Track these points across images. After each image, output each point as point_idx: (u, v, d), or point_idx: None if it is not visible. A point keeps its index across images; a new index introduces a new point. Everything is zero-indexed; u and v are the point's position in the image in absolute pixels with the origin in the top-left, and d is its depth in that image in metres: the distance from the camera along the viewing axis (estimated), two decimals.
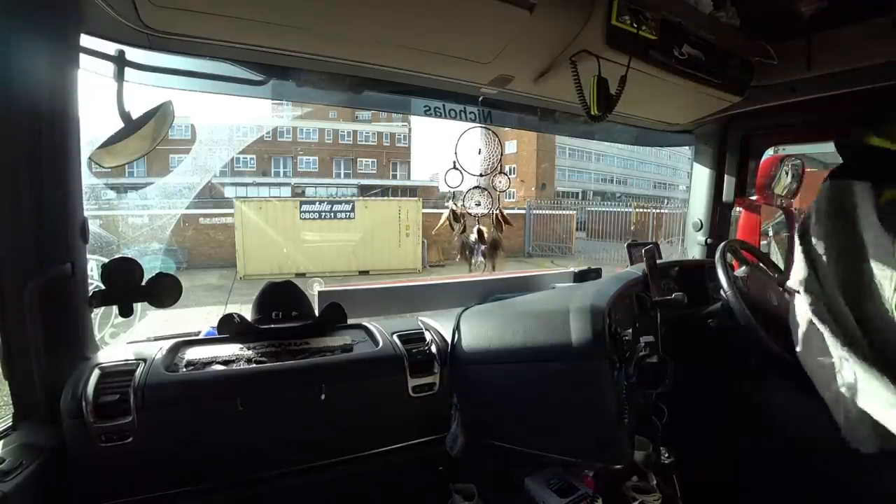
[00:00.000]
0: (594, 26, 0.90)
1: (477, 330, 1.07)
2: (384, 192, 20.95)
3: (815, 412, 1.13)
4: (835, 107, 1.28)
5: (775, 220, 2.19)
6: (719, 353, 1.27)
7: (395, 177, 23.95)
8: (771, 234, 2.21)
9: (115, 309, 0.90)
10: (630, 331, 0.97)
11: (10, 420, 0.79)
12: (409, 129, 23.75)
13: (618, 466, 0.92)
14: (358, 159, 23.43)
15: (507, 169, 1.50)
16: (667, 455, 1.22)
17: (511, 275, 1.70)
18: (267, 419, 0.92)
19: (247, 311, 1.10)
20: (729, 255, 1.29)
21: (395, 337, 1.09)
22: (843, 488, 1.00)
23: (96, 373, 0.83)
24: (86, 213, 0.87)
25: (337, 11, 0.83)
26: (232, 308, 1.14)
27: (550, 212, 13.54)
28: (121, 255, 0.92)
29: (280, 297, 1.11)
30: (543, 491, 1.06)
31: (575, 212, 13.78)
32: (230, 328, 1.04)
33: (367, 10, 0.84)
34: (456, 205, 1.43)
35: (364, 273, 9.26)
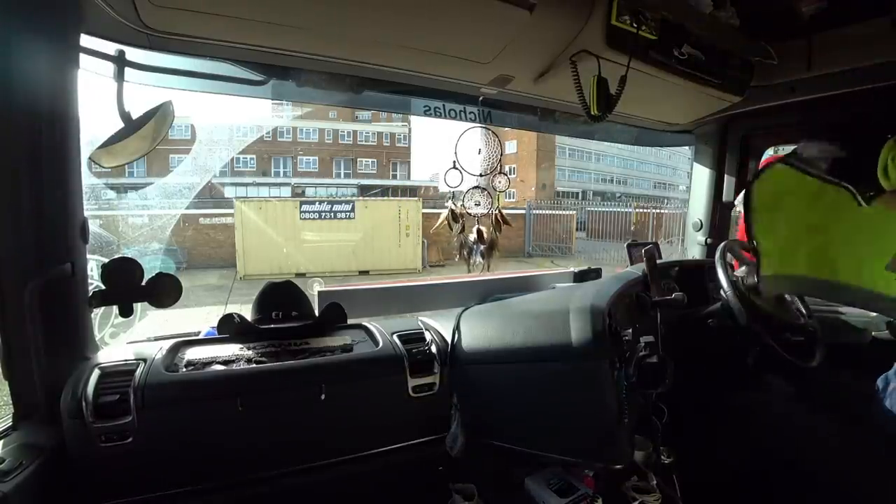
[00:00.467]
0: (594, 26, 0.90)
1: (477, 330, 1.06)
2: (384, 192, 20.95)
3: (815, 412, 1.14)
4: (835, 107, 1.28)
5: None
6: (719, 353, 1.27)
7: (395, 177, 23.94)
8: None
9: (115, 309, 0.90)
10: (630, 331, 0.97)
11: (10, 420, 0.79)
12: (409, 129, 23.76)
13: (618, 466, 0.92)
14: (358, 159, 23.42)
15: (506, 169, 1.50)
16: (667, 455, 1.22)
17: (511, 275, 1.70)
18: (267, 419, 0.92)
19: (247, 311, 1.10)
20: (729, 255, 1.29)
21: (395, 337, 1.09)
22: (843, 487, 1.00)
23: (96, 373, 0.83)
24: (86, 213, 0.87)
25: (337, 11, 0.83)
26: (232, 308, 1.14)
27: (550, 212, 13.53)
28: (121, 255, 0.92)
29: (280, 297, 1.11)
30: (543, 491, 1.06)
31: (575, 212, 13.77)
32: (230, 328, 1.04)
33: (367, 10, 0.84)
34: (455, 204, 1.43)
35: (364, 273, 9.26)
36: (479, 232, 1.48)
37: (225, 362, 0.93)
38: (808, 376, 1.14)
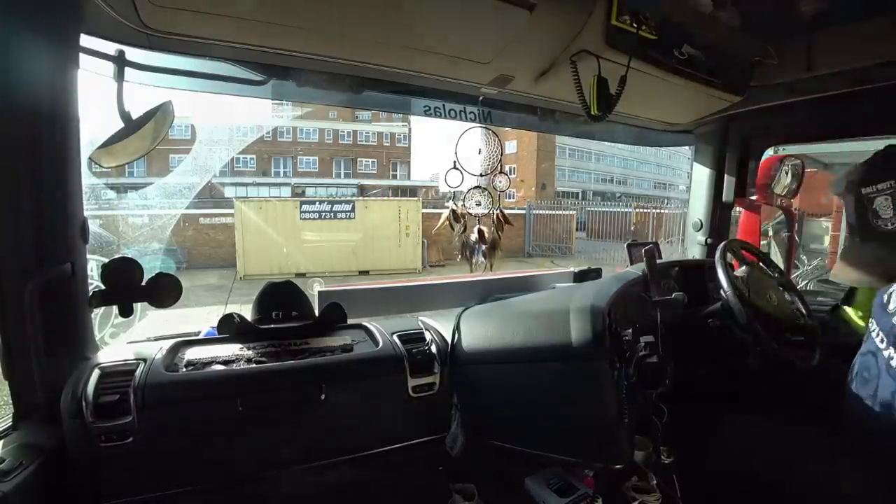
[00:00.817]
0: (594, 26, 0.90)
1: (477, 330, 1.06)
2: (384, 192, 20.96)
3: (815, 412, 1.14)
4: (835, 107, 1.28)
5: (775, 220, 2.20)
6: (719, 353, 1.27)
7: (395, 177, 23.97)
8: (771, 234, 2.21)
9: (115, 309, 0.90)
10: (630, 331, 0.97)
11: (10, 420, 0.79)
12: (409, 129, 23.78)
13: (618, 466, 0.92)
14: (358, 159, 23.45)
15: (507, 169, 1.50)
16: (667, 455, 1.22)
17: (511, 275, 1.70)
18: (267, 419, 0.91)
19: (247, 311, 1.10)
20: (729, 255, 1.29)
21: (395, 337, 1.09)
22: (844, 487, 1.00)
23: (96, 373, 0.83)
24: (86, 213, 0.87)
25: (337, 12, 0.83)
26: (232, 308, 1.14)
27: (550, 212, 13.54)
28: (121, 255, 0.91)
29: (280, 297, 1.11)
30: (543, 491, 1.06)
31: (575, 212, 13.79)
32: (230, 328, 1.04)
33: (368, 10, 0.84)
34: (456, 205, 1.44)
35: (364, 273, 9.27)
36: (480, 232, 1.48)
37: (225, 362, 0.92)
38: (808, 376, 1.14)
